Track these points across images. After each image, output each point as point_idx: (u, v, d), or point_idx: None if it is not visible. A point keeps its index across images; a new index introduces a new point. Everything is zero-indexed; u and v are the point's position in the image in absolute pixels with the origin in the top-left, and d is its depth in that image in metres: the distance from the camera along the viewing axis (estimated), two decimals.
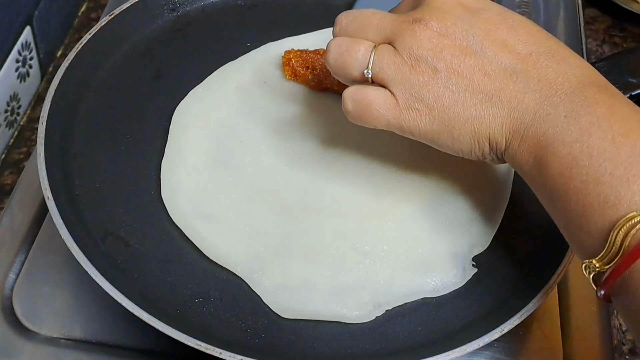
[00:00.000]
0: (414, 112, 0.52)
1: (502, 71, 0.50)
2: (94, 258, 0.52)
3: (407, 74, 0.52)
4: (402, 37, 0.52)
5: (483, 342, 0.51)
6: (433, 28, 0.51)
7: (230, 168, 0.62)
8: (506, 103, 0.50)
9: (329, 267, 0.56)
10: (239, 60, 0.70)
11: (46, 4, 0.81)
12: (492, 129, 0.51)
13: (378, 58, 0.52)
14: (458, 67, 0.51)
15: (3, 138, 0.76)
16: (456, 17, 0.52)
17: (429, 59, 0.51)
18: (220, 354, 0.49)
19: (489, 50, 0.51)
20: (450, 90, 0.51)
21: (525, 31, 0.51)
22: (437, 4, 0.52)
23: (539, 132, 0.49)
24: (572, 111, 0.48)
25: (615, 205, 0.45)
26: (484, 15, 0.52)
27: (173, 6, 0.73)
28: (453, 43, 0.51)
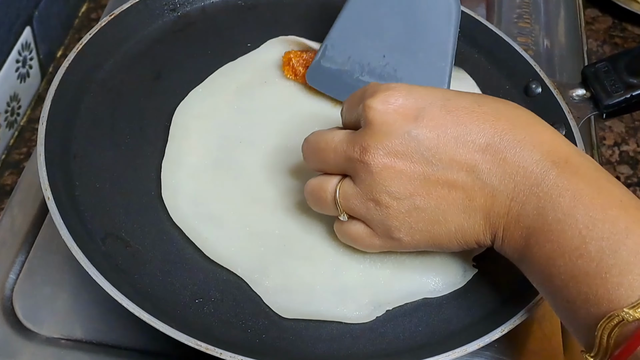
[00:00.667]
0: (396, 241, 0.52)
1: (466, 177, 0.49)
2: (94, 258, 0.52)
3: (374, 210, 0.51)
4: (357, 174, 0.51)
5: (484, 343, 0.51)
6: (382, 155, 0.49)
7: (230, 168, 0.62)
8: (480, 212, 0.50)
9: (330, 267, 0.57)
10: (239, 60, 0.70)
11: (46, 5, 0.81)
12: (475, 236, 0.51)
13: (343, 200, 0.52)
14: (421, 188, 0.50)
15: (3, 138, 0.76)
16: (401, 134, 0.49)
17: (390, 190, 0.50)
18: (221, 354, 0.49)
19: (446, 159, 0.49)
20: (422, 214, 0.50)
21: (473, 119, 0.49)
22: (378, 125, 0.49)
23: (515, 233, 0.49)
24: (537, 208, 0.47)
25: (595, 304, 0.45)
26: (427, 119, 0.49)
27: (173, 6, 0.73)
28: (408, 165, 0.49)
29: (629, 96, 0.67)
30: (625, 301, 0.43)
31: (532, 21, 0.87)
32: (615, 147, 0.81)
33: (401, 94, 0.50)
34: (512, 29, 0.86)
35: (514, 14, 0.87)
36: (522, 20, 0.87)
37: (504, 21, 0.86)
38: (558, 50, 0.85)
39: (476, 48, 0.74)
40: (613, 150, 0.80)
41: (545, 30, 0.86)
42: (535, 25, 0.87)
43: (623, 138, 0.81)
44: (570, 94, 0.69)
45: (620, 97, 0.67)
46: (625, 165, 0.79)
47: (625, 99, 0.67)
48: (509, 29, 0.85)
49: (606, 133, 0.82)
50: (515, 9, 0.88)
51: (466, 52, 0.73)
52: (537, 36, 0.85)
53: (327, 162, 0.53)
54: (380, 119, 0.49)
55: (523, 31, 0.86)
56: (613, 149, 0.80)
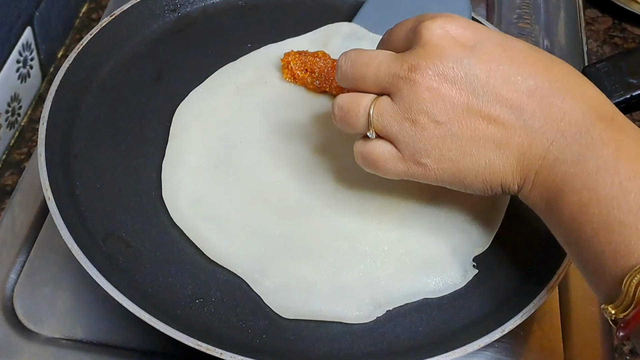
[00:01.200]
0: (421, 167, 0.51)
1: (508, 115, 0.49)
2: (94, 258, 0.52)
3: (409, 130, 0.50)
4: (400, 91, 0.50)
5: (484, 343, 0.51)
6: (431, 76, 0.49)
7: (230, 168, 0.62)
8: (514, 151, 0.49)
9: (330, 267, 0.57)
10: (240, 60, 0.70)
11: (47, 5, 0.81)
12: (503, 177, 0.50)
13: (378, 117, 0.51)
14: (461, 116, 0.49)
15: (4, 139, 0.76)
16: (454, 59, 0.49)
17: (430, 112, 0.49)
18: (221, 354, 0.49)
19: (492, 93, 0.49)
20: (455, 142, 0.50)
21: (528, 63, 0.49)
22: (432, 45, 0.50)
23: (549, 178, 0.48)
24: (579, 155, 0.47)
25: (626, 254, 0.44)
26: (482, 51, 0.49)
27: (174, 7, 0.73)
28: (453, 90, 0.49)
29: (629, 96, 0.66)
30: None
31: (532, 21, 0.87)
32: None
33: (461, 23, 0.50)
34: (512, 29, 0.86)
35: (514, 14, 0.87)
36: (522, 20, 0.87)
37: (504, 21, 0.86)
38: (558, 50, 0.85)
39: None
40: None
41: (545, 31, 0.86)
42: (535, 26, 0.87)
43: None
44: None
45: (621, 97, 0.66)
46: None
47: (625, 100, 0.66)
48: (509, 29, 0.85)
49: None
50: (515, 9, 0.88)
51: None
52: (537, 36, 0.85)
53: (367, 77, 0.52)
54: (437, 41, 0.49)
55: (523, 31, 0.86)
56: None
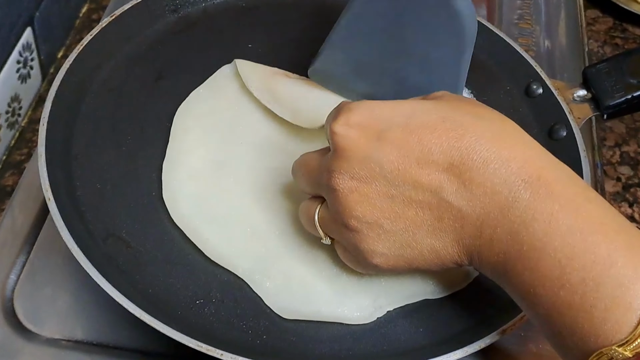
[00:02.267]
0: (373, 267, 0.51)
1: (431, 197, 0.47)
2: (94, 259, 0.52)
3: (345, 235, 0.50)
4: (328, 198, 0.50)
5: (484, 344, 0.51)
6: (347, 180, 0.48)
7: (231, 169, 0.62)
8: (450, 233, 0.47)
9: (331, 268, 0.57)
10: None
11: (47, 5, 0.81)
12: (450, 256, 0.49)
13: (322, 225, 0.53)
14: (387, 211, 0.48)
15: (4, 139, 0.76)
16: (362, 158, 0.48)
17: (356, 216, 0.48)
18: (222, 355, 0.49)
19: (410, 181, 0.47)
20: (392, 237, 0.49)
21: (435, 136, 0.46)
22: (340, 148, 0.48)
23: (491, 258, 0.46)
24: (511, 233, 0.45)
25: (581, 339, 0.42)
26: (388, 140, 0.47)
27: (174, 7, 0.73)
28: (372, 188, 0.48)
29: (629, 97, 0.66)
30: (614, 337, 0.41)
31: (532, 22, 0.87)
32: (616, 148, 0.81)
33: (362, 115, 0.49)
34: (513, 29, 0.86)
35: (515, 15, 0.87)
36: (522, 21, 0.87)
37: (505, 22, 0.86)
38: (559, 51, 0.85)
39: (477, 49, 0.73)
40: (614, 150, 0.80)
41: (546, 31, 0.86)
42: (536, 26, 0.87)
43: (624, 139, 0.81)
44: (571, 95, 0.69)
45: (621, 98, 0.67)
46: (626, 166, 0.79)
47: (626, 100, 0.67)
48: (510, 30, 0.85)
49: (607, 134, 0.82)
50: (516, 10, 0.88)
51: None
52: (538, 37, 0.85)
53: (306, 185, 0.54)
54: (342, 142, 0.48)
55: (524, 32, 0.86)
56: (614, 150, 0.80)
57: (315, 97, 0.64)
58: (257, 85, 0.65)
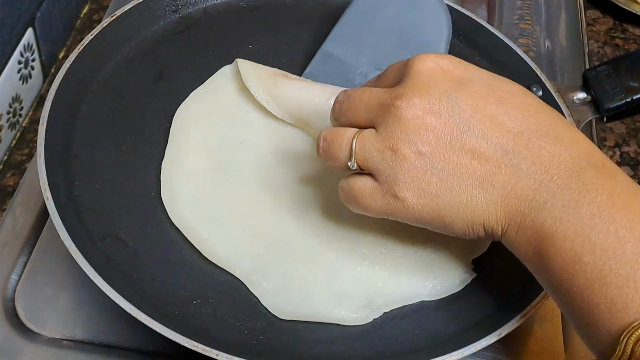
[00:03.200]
0: (400, 202, 0.49)
1: (493, 152, 0.47)
2: (93, 259, 0.52)
3: (389, 160, 0.49)
4: (384, 120, 0.49)
5: (481, 346, 0.51)
6: (417, 105, 0.48)
7: (230, 170, 0.62)
8: (499, 189, 0.47)
9: (328, 269, 0.57)
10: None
11: (48, 6, 0.81)
12: (485, 217, 0.48)
13: (360, 147, 0.50)
14: (444, 149, 0.48)
15: (5, 139, 0.76)
16: (441, 92, 0.48)
17: (412, 142, 0.48)
18: (217, 355, 0.49)
19: (477, 129, 0.48)
20: (436, 176, 0.48)
21: (516, 105, 0.48)
22: (422, 77, 0.49)
23: (537, 222, 0.46)
24: (570, 200, 0.45)
25: (623, 309, 0.42)
26: (471, 88, 0.49)
27: (175, 8, 0.73)
28: (439, 122, 0.48)
29: (629, 100, 0.66)
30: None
31: (533, 22, 0.87)
32: (616, 148, 0.80)
33: (453, 60, 0.51)
34: (513, 30, 0.86)
35: (515, 15, 0.87)
36: (523, 21, 0.87)
37: (505, 22, 0.86)
38: (559, 51, 0.85)
39: (477, 50, 0.74)
40: (614, 151, 0.80)
41: (546, 32, 0.86)
42: (536, 27, 0.87)
43: (624, 139, 0.81)
44: (571, 98, 0.69)
45: (621, 100, 0.67)
46: (626, 166, 0.79)
47: (626, 103, 0.67)
48: (510, 31, 0.85)
49: (607, 134, 0.82)
50: (516, 10, 0.88)
51: (467, 54, 0.73)
52: (538, 37, 0.85)
53: (357, 108, 0.52)
54: (427, 72, 0.49)
55: (524, 32, 0.86)
56: (614, 150, 0.80)
57: (313, 99, 0.64)
58: (256, 85, 0.65)
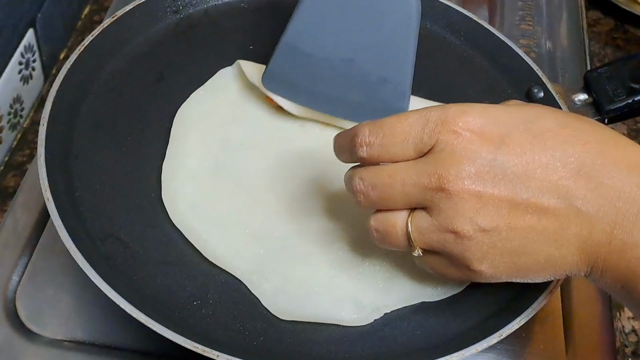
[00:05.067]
0: (477, 273, 0.48)
1: (558, 204, 0.45)
2: (93, 260, 0.52)
3: (452, 243, 0.47)
4: (436, 205, 0.46)
5: (481, 347, 0.51)
6: (466, 184, 0.45)
7: (231, 171, 0.62)
8: (574, 241, 0.46)
9: (328, 270, 0.57)
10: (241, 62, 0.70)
11: (49, 7, 0.81)
12: (567, 268, 0.47)
13: (417, 235, 0.48)
14: (508, 218, 0.46)
15: (6, 140, 0.76)
16: (487, 161, 0.45)
17: (474, 221, 0.46)
18: (218, 356, 0.49)
19: (536, 187, 0.45)
20: (508, 245, 0.46)
21: (560, 142, 0.46)
22: (458, 150, 0.46)
23: (620, 263, 0.45)
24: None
25: None
26: (513, 144, 0.46)
27: (176, 8, 0.73)
28: (493, 193, 0.45)
29: (630, 101, 0.66)
30: None
31: (534, 23, 0.87)
32: None
33: (481, 118, 0.46)
34: (514, 31, 0.86)
35: (516, 16, 0.87)
36: (524, 22, 0.87)
37: (506, 23, 0.86)
38: (560, 52, 0.85)
39: (478, 51, 0.74)
40: None
41: (547, 33, 0.86)
42: (538, 28, 0.87)
43: None
44: (573, 99, 0.69)
45: (622, 102, 0.66)
46: None
47: (627, 104, 0.66)
48: (511, 31, 0.85)
49: None
50: (518, 11, 0.88)
51: (468, 55, 0.73)
52: (540, 38, 0.85)
53: (394, 198, 0.48)
54: (462, 144, 0.45)
55: (525, 33, 0.86)
56: None
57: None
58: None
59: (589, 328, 0.63)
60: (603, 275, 0.46)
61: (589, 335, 0.62)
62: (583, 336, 0.62)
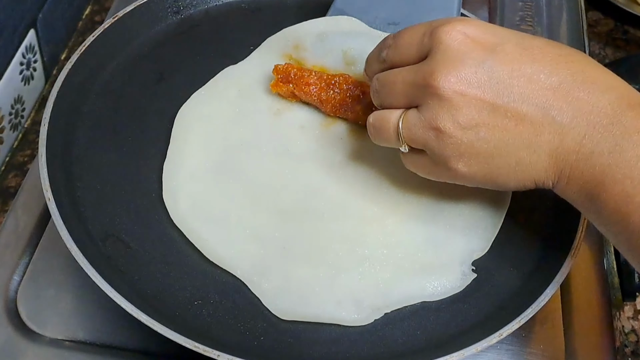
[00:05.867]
0: (453, 172, 0.52)
1: (535, 112, 0.49)
2: (94, 260, 0.53)
3: (435, 139, 0.51)
4: (424, 101, 0.51)
5: (481, 347, 0.51)
6: (454, 82, 0.49)
7: (231, 171, 0.62)
8: (545, 148, 0.49)
9: (329, 270, 0.57)
10: (242, 63, 0.70)
11: (50, 7, 0.81)
12: (536, 174, 0.51)
13: (406, 130, 0.52)
14: (488, 119, 0.49)
15: (7, 141, 0.77)
16: (475, 63, 0.49)
17: (455, 119, 0.50)
18: (218, 356, 0.49)
19: (517, 92, 0.49)
20: (484, 145, 0.50)
21: (549, 59, 0.50)
22: (452, 50, 0.50)
23: (586, 171, 0.48)
24: (615, 146, 0.47)
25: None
26: (503, 53, 0.50)
27: (177, 9, 0.73)
28: (478, 94, 0.49)
29: None
30: None
31: (534, 24, 0.87)
32: None
33: (479, 26, 0.51)
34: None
35: (517, 17, 0.87)
36: (524, 22, 0.87)
37: (506, 24, 0.86)
38: None
39: None
40: None
41: (547, 33, 0.86)
42: (538, 28, 0.87)
43: None
44: None
45: None
46: None
47: None
48: None
49: None
50: (518, 12, 0.88)
51: None
52: None
53: (395, 93, 0.53)
54: (457, 45, 0.50)
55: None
56: None
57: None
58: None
59: (589, 328, 0.63)
60: (569, 184, 0.50)
61: (589, 335, 0.62)
62: (583, 336, 0.62)
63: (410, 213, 0.59)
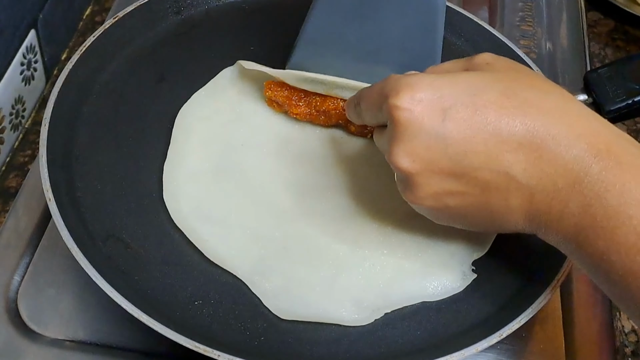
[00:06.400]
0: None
1: (498, 179, 0.48)
2: (94, 260, 0.53)
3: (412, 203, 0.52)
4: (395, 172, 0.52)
5: (482, 347, 0.51)
6: (409, 164, 0.49)
7: (232, 171, 0.62)
8: (517, 211, 0.49)
9: (329, 270, 0.57)
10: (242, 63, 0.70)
11: (51, 8, 0.81)
12: (514, 228, 0.50)
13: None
14: (455, 188, 0.49)
15: (8, 141, 0.76)
16: (428, 137, 0.48)
17: (420, 194, 0.50)
18: (219, 356, 0.49)
19: (476, 161, 0.47)
20: (454, 212, 0.51)
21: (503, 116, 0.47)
22: (402, 127, 0.48)
23: (560, 231, 0.47)
24: (584, 206, 0.45)
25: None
26: (455, 118, 0.47)
27: (177, 9, 0.73)
28: (435, 169, 0.48)
29: (630, 102, 0.66)
30: None
31: (534, 24, 0.87)
32: None
33: (425, 91, 0.48)
34: (515, 32, 0.86)
35: (517, 17, 0.87)
36: (524, 23, 0.87)
37: (507, 24, 0.86)
38: (560, 53, 0.85)
39: (478, 52, 0.72)
40: None
41: (547, 34, 0.86)
42: (538, 29, 0.87)
43: None
44: None
45: (622, 102, 0.66)
46: None
47: (627, 105, 0.66)
48: (512, 32, 0.85)
49: None
50: (518, 12, 0.88)
51: (468, 56, 0.73)
52: (540, 39, 0.85)
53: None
54: (405, 123, 0.48)
55: (525, 34, 0.86)
56: None
57: None
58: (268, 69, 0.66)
59: (589, 328, 0.63)
60: (548, 237, 0.49)
61: (589, 335, 0.62)
62: (583, 336, 0.62)
63: (411, 213, 0.59)
